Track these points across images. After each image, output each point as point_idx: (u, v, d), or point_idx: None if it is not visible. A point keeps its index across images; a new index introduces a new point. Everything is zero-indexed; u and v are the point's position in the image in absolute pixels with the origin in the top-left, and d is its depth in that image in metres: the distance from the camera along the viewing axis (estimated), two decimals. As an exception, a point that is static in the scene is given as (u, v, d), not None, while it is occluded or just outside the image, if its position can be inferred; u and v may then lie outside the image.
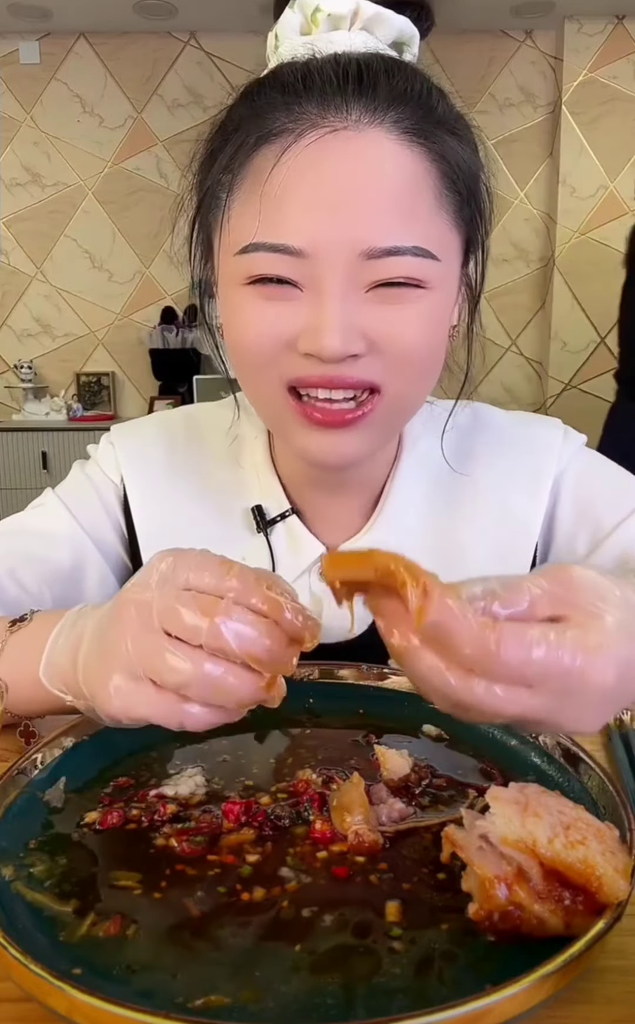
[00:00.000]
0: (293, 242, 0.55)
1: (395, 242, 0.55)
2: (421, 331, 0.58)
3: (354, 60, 0.57)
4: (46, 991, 0.34)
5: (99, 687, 0.46)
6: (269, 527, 0.73)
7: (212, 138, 0.62)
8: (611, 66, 3.77)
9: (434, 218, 0.57)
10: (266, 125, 0.56)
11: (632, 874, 0.38)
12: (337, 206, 0.54)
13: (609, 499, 0.73)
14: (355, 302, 0.56)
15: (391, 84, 0.56)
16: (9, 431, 3.78)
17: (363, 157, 0.55)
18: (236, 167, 0.58)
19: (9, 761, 0.51)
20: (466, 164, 0.59)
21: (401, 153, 0.55)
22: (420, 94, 0.58)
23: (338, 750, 0.56)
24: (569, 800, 0.42)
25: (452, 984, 0.36)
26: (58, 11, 3.64)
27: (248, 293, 0.58)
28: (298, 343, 0.57)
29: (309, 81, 0.56)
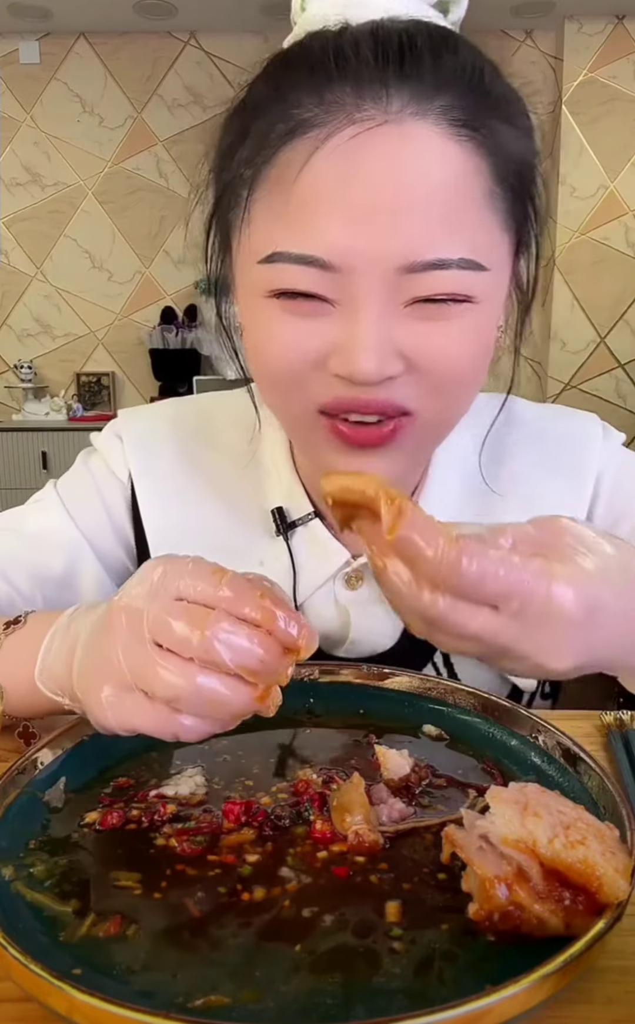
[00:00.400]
0: (325, 255, 0.49)
1: (440, 254, 0.49)
2: (465, 349, 0.53)
3: (396, 33, 0.49)
4: (46, 991, 0.34)
5: (92, 697, 0.45)
6: (290, 531, 0.68)
7: (230, 121, 0.55)
8: (611, 66, 3.78)
9: (483, 222, 0.51)
10: (293, 114, 0.49)
11: (632, 874, 0.38)
12: (376, 214, 0.48)
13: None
14: (392, 318, 0.50)
15: (439, 64, 0.48)
16: (9, 431, 3.78)
17: (406, 156, 0.48)
18: (259, 162, 0.51)
19: (9, 761, 0.51)
20: (519, 154, 0.52)
21: (449, 150, 0.48)
22: (472, 74, 0.50)
23: (338, 750, 0.56)
24: (569, 800, 0.42)
25: (452, 984, 0.36)
26: (58, 11, 3.64)
27: (272, 307, 0.52)
28: (329, 363, 0.52)
29: (343, 60, 0.48)
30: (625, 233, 3.91)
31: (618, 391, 4.06)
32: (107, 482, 0.73)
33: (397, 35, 0.49)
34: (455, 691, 0.61)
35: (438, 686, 0.62)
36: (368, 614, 0.67)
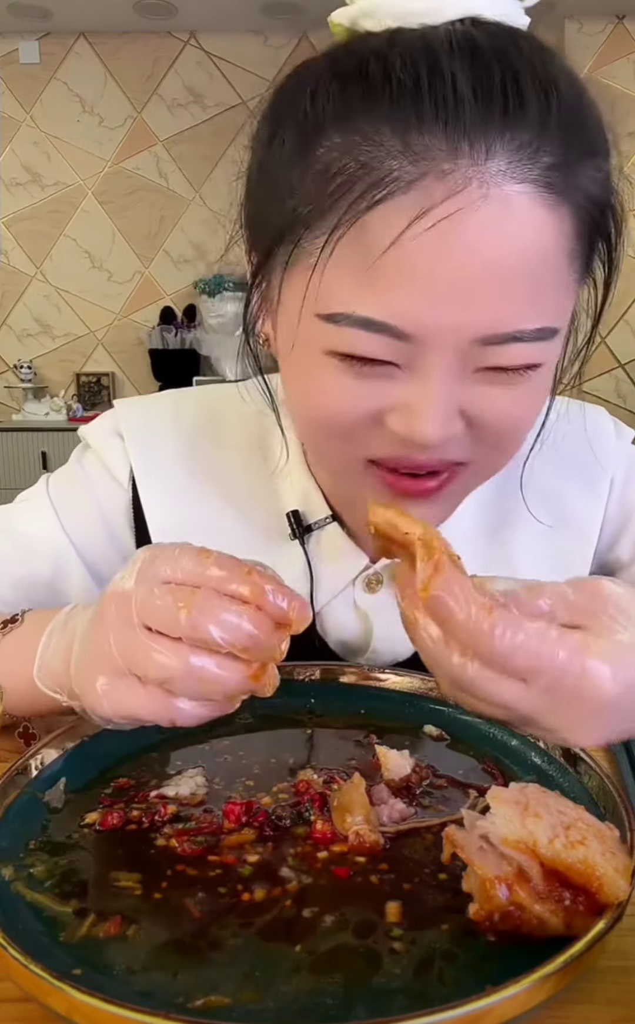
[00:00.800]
0: (402, 325, 0.45)
1: (519, 325, 0.46)
2: (529, 410, 0.52)
3: (497, 62, 0.43)
4: (46, 991, 0.34)
5: (87, 687, 0.45)
6: (306, 535, 0.65)
7: (278, 125, 0.49)
8: (611, 66, 3.77)
9: (561, 286, 0.48)
10: (375, 162, 0.43)
11: (633, 874, 0.38)
12: (464, 291, 0.44)
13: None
14: (459, 383, 0.48)
15: (544, 107, 0.43)
16: (9, 431, 3.78)
17: (503, 231, 0.43)
18: (328, 208, 0.45)
19: (9, 762, 0.51)
20: (603, 204, 0.48)
21: (542, 217, 0.44)
22: (574, 113, 0.44)
23: (339, 750, 0.56)
24: (569, 800, 0.42)
25: (452, 984, 0.36)
26: (58, 11, 3.64)
27: (331, 364, 0.48)
28: (387, 419, 0.49)
29: (438, 99, 0.42)
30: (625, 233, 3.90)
31: (618, 391, 4.06)
32: (104, 485, 0.69)
33: (496, 60, 0.43)
34: (455, 691, 0.61)
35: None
36: (389, 619, 0.65)
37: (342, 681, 0.64)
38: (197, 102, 3.97)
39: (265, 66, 3.91)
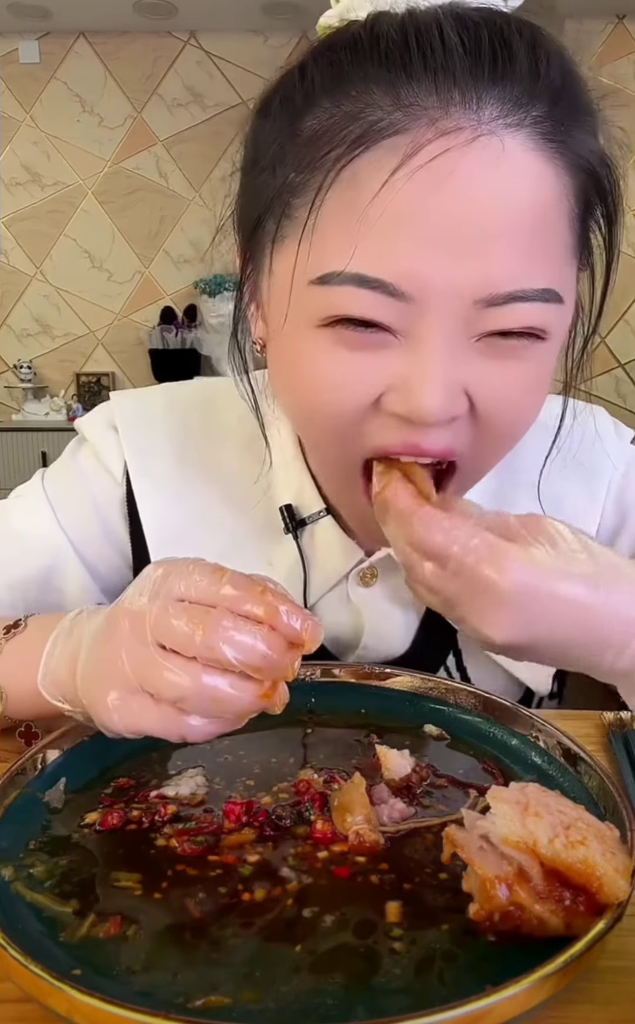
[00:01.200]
0: (397, 281, 0.43)
1: (520, 285, 0.43)
2: (531, 395, 0.50)
3: (482, 24, 0.42)
4: (46, 992, 0.34)
5: (98, 702, 0.45)
6: (299, 529, 0.65)
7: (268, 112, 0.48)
8: (611, 66, 3.77)
9: (565, 249, 0.46)
10: (364, 114, 0.42)
11: (633, 874, 0.38)
12: (461, 240, 0.42)
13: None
14: (461, 353, 0.45)
15: (533, 64, 0.42)
16: (9, 431, 3.78)
17: (501, 176, 0.41)
18: (318, 167, 0.44)
19: (9, 762, 0.51)
20: (601, 165, 0.47)
21: (543, 170, 0.43)
22: (564, 75, 0.44)
23: (339, 750, 0.56)
24: (569, 800, 0.42)
25: (452, 984, 0.36)
26: (58, 10, 3.64)
27: (324, 338, 0.46)
28: (384, 400, 0.47)
29: (428, 51, 0.41)
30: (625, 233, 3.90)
31: (618, 391, 4.06)
32: (99, 479, 0.68)
33: (485, 26, 0.42)
34: (456, 691, 0.61)
35: (439, 686, 0.62)
36: (382, 614, 0.66)
37: (342, 681, 0.64)
38: (197, 102, 3.97)
39: (265, 66, 3.90)
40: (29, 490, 0.70)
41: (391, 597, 0.66)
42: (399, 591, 0.65)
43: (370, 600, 0.66)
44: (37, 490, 0.69)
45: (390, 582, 0.65)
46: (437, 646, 0.67)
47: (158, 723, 0.43)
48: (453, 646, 0.67)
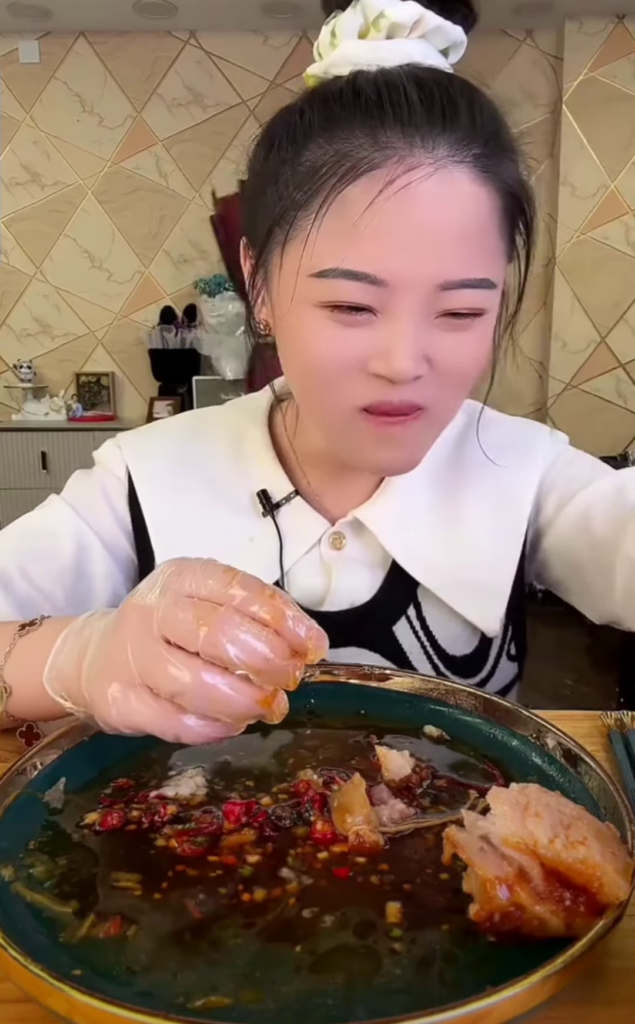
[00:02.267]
0: (379, 273, 0.56)
1: (468, 275, 0.58)
2: (477, 354, 0.63)
3: (436, 86, 0.57)
4: (46, 992, 0.34)
5: (98, 694, 0.46)
6: (275, 510, 0.76)
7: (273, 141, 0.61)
8: (611, 65, 3.77)
9: (496, 248, 0.60)
10: (350, 152, 0.56)
11: (633, 875, 0.38)
12: (422, 243, 0.56)
13: (578, 471, 0.79)
14: (424, 328, 0.59)
15: (472, 116, 0.57)
16: (9, 431, 3.78)
17: (449, 198, 0.57)
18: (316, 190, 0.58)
19: (9, 761, 0.51)
20: (520, 187, 0.62)
21: (479, 192, 0.58)
22: (493, 123, 0.59)
23: (339, 750, 0.56)
24: (570, 800, 0.42)
25: (452, 985, 0.36)
26: (58, 10, 3.64)
27: (321, 315, 0.59)
28: (369, 364, 0.60)
29: (396, 109, 0.56)
30: (625, 233, 3.90)
31: (618, 391, 4.06)
32: (108, 481, 0.80)
33: (437, 87, 0.57)
34: (456, 692, 0.61)
35: (439, 687, 0.62)
36: (349, 571, 0.76)
37: (342, 681, 0.64)
38: (197, 102, 3.97)
39: (265, 66, 3.91)
40: (47, 503, 0.81)
41: (358, 558, 0.76)
42: (365, 552, 0.76)
43: (340, 561, 0.76)
44: (54, 498, 0.81)
45: (357, 545, 0.76)
46: (398, 597, 0.76)
47: (154, 719, 0.44)
48: (414, 598, 0.76)
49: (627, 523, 0.69)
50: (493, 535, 0.76)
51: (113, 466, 0.80)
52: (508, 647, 0.80)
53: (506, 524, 0.77)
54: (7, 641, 0.57)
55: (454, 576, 0.75)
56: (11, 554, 0.75)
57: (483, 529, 0.76)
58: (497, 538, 0.76)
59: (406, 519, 0.75)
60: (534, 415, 4.18)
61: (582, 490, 0.75)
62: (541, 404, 4.14)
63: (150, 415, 3.99)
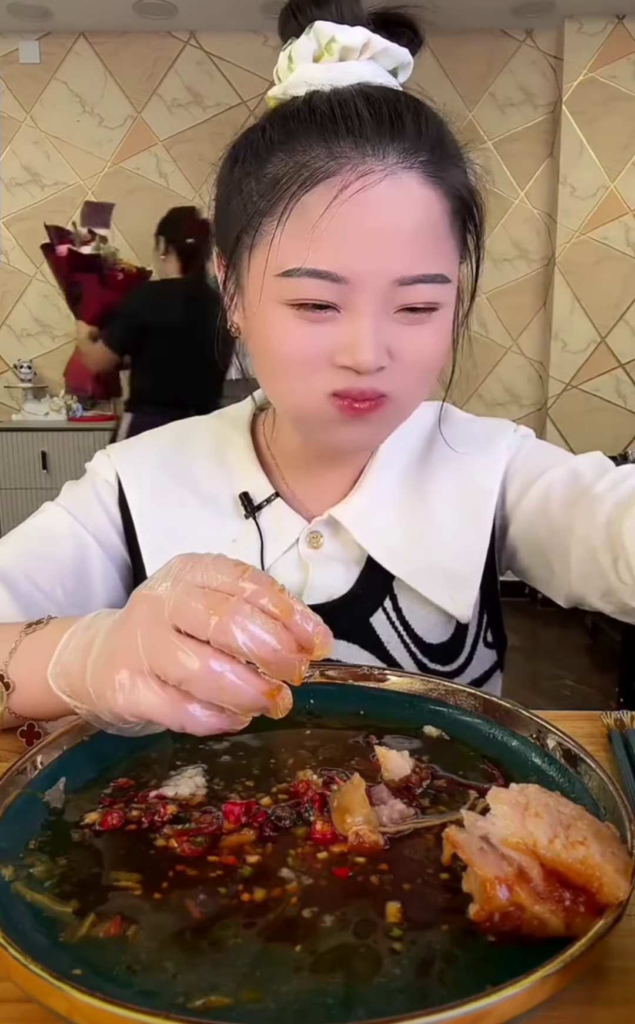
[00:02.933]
0: (339, 271, 0.61)
1: (422, 271, 0.62)
2: (435, 346, 0.66)
3: (384, 101, 0.62)
4: (46, 992, 0.34)
5: (104, 681, 0.46)
6: (256, 511, 0.79)
7: (240, 156, 0.66)
8: (611, 66, 3.77)
9: (447, 246, 0.65)
10: (308, 163, 0.61)
11: (633, 874, 0.38)
12: (377, 242, 0.60)
13: (540, 458, 0.81)
14: (385, 322, 0.63)
15: (418, 127, 0.62)
16: (9, 431, 3.77)
17: (400, 200, 0.61)
18: (277, 198, 0.62)
19: (9, 762, 0.51)
20: (468, 191, 0.66)
21: (427, 195, 0.62)
22: (438, 132, 0.64)
23: (339, 751, 0.56)
24: (570, 800, 0.42)
25: (452, 984, 0.36)
26: (58, 11, 3.64)
27: (288, 313, 0.63)
28: (335, 357, 0.63)
29: (349, 122, 0.61)
30: (625, 233, 3.90)
31: (618, 391, 4.06)
32: (99, 485, 0.84)
33: (386, 102, 0.62)
34: (456, 692, 0.61)
35: (439, 687, 0.62)
36: (326, 567, 0.79)
37: (342, 681, 0.64)
38: (197, 102, 3.97)
39: (265, 66, 3.88)
40: (43, 509, 0.84)
41: (334, 555, 0.79)
42: (342, 549, 0.79)
43: (317, 558, 0.79)
44: (50, 506, 0.84)
45: (333, 542, 0.79)
46: (374, 590, 0.79)
47: (161, 706, 0.44)
48: (390, 591, 0.79)
49: (578, 502, 0.72)
50: (461, 524, 0.79)
51: (103, 472, 0.84)
52: (485, 634, 0.82)
53: (473, 512, 0.80)
54: (12, 639, 0.58)
55: (426, 565, 0.78)
56: (13, 557, 0.77)
57: (451, 519, 0.79)
58: (465, 527, 0.79)
59: (378, 515, 0.78)
60: (534, 415, 4.18)
61: (542, 475, 0.78)
62: (541, 404, 4.14)
63: (150, 415, 3.99)
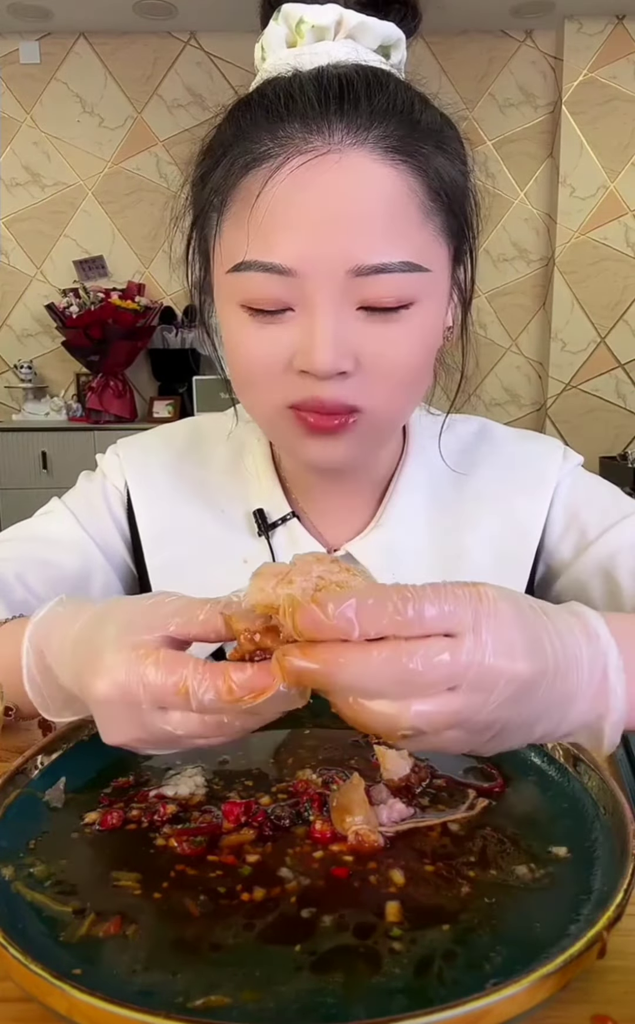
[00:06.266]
0: (283, 261, 0.55)
1: (382, 259, 0.55)
2: (409, 349, 0.59)
3: (336, 77, 0.57)
4: (46, 991, 0.34)
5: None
6: (270, 530, 0.74)
7: (202, 158, 0.63)
8: (611, 66, 3.78)
9: (421, 231, 0.58)
10: (252, 149, 0.57)
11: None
12: (323, 225, 0.55)
13: (597, 508, 0.74)
14: (346, 320, 0.57)
15: (372, 101, 0.56)
16: (9, 431, 3.78)
17: (347, 178, 0.55)
18: (225, 190, 0.59)
19: (9, 762, 0.51)
20: (450, 175, 0.60)
21: (385, 172, 0.56)
22: (402, 108, 0.57)
23: (338, 750, 0.56)
24: (360, 571, 0.41)
25: (452, 984, 0.36)
26: (58, 11, 3.64)
27: (244, 316, 0.59)
28: (294, 363, 0.58)
29: (292, 103, 0.56)
30: (625, 233, 3.91)
31: (618, 391, 4.06)
32: (108, 490, 0.80)
33: (337, 78, 0.57)
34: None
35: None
36: None
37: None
38: (197, 102, 3.97)
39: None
40: (50, 508, 0.81)
41: None
42: None
43: None
44: (58, 506, 0.80)
45: None
46: None
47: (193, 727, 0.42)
48: None
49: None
50: (496, 566, 0.73)
51: (113, 476, 0.80)
52: None
53: (511, 557, 0.74)
54: None
55: None
56: (9, 560, 0.74)
57: (486, 560, 0.73)
58: (500, 571, 0.73)
59: (403, 553, 0.72)
60: (533, 415, 4.18)
61: (605, 534, 0.72)
62: (540, 404, 4.14)
63: (150, 415, 3.99)
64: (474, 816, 0.48)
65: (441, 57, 3.75)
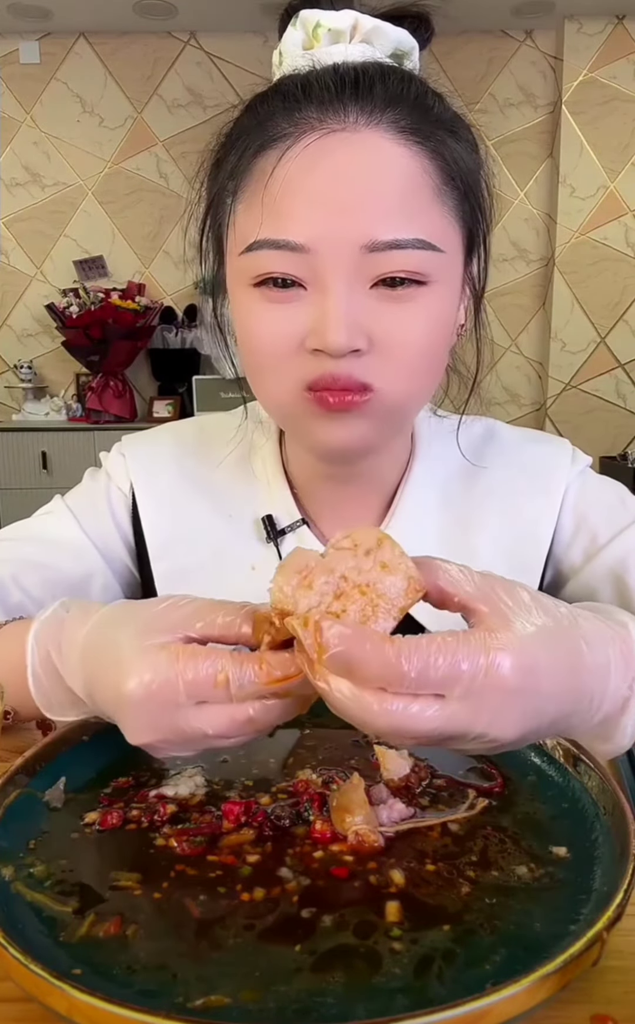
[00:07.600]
0: (296, 237, 0.55)
1: (396, 235, 0.55)
2: (423, 328, 0.59)
3: (352, 67, 0.58)
4: (46, 991, 0.34)
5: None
6: (279, 537, 0.73)
7: (217, 148, 0.64)
8: (611, 66, 3.78)
9: (434, 212, 0.58)
10: (268, 131, 0.58)
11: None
12: (337, 201, 0.55)
13: (607, 512, 0.74)
14: (359, 298, 0.57)
15: (387, 87, 0.57)
16: (9, 431, 3.78)
17: (361, 155, 0.56)
18: (240, 172, 0.59)
19: (9, 762, 0.51)
20: (464, 162, 0.60)
21: (398, 151, 0.56)
22: (416, 96, 0.59)
23: (338, 750, 0.56)
24: (398, 562, 0.42)
25: (452, 984, 0.36)
26: (58, 11, 3.64)
27: (256, 295, 0.59)
28: (306, 340, 0.58)
29: (308, 89, 0.57)
30: (625, 233, 3.91)
31: (618, 391, 4.06)
32: (112, 493, 0.78)
33: (353, 68, 0.59)
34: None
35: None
36: None
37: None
38: (197, 102, 3.97)
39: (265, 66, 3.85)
40: (51, 508, 0.80)
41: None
42: None
43: None
44: (60, 507, 0.79)
45: None
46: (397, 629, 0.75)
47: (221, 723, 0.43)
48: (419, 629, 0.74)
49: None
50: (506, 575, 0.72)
51: (118, 478, 0.78)
52: None
53: (520, 562, 0.73)
54: None
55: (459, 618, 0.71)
56: (6, 562, 0.73)
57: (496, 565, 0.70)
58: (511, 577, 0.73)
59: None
60: (533, 415, 4.18)
61: (615, 539, 0.71)
62: (540, 404, 4.14)
63: (150, 414, 3.99)
64: (474, 816, 0.48)
65: (441, 57, 3.75)
